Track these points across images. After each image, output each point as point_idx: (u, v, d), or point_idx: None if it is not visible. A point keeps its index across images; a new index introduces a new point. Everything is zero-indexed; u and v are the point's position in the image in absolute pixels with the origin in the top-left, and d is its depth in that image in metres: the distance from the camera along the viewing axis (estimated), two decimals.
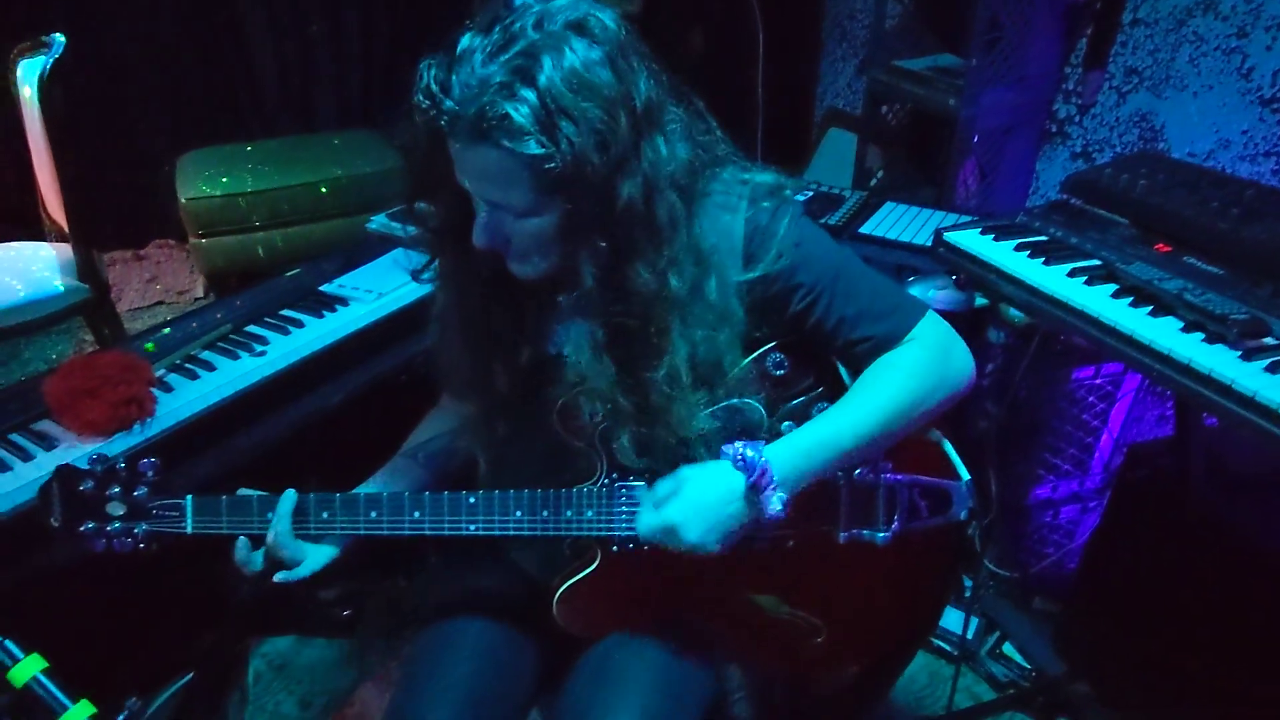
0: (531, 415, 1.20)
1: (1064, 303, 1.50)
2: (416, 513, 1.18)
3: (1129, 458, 1.97)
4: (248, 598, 1.83)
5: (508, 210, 1.03)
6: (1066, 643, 2.02)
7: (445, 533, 1.18)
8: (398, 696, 1.26)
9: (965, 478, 1.25)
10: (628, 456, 1.14)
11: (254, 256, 3.23)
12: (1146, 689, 1.86)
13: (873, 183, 2.87)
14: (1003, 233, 1.71)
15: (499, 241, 1.07)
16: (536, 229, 1.04)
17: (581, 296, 1.07)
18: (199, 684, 1.82)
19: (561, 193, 1.00)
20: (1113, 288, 1.49)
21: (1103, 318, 1.43)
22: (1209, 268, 1.49)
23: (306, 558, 1.22)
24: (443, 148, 1.02)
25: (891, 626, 1.37)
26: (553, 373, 1.17)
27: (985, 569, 2.18)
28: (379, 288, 1.89)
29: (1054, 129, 2.89)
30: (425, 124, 0.99)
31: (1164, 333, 1.36)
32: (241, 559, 1.20)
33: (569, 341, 1.19)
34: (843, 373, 1.23)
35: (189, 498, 1.19)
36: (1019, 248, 1.65)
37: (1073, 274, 1.54)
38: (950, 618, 2.01)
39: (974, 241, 1.70)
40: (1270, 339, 1.30)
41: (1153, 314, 1.41)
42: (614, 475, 1.17)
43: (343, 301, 1.86)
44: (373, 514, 1.19)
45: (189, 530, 1.19)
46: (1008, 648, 2.08)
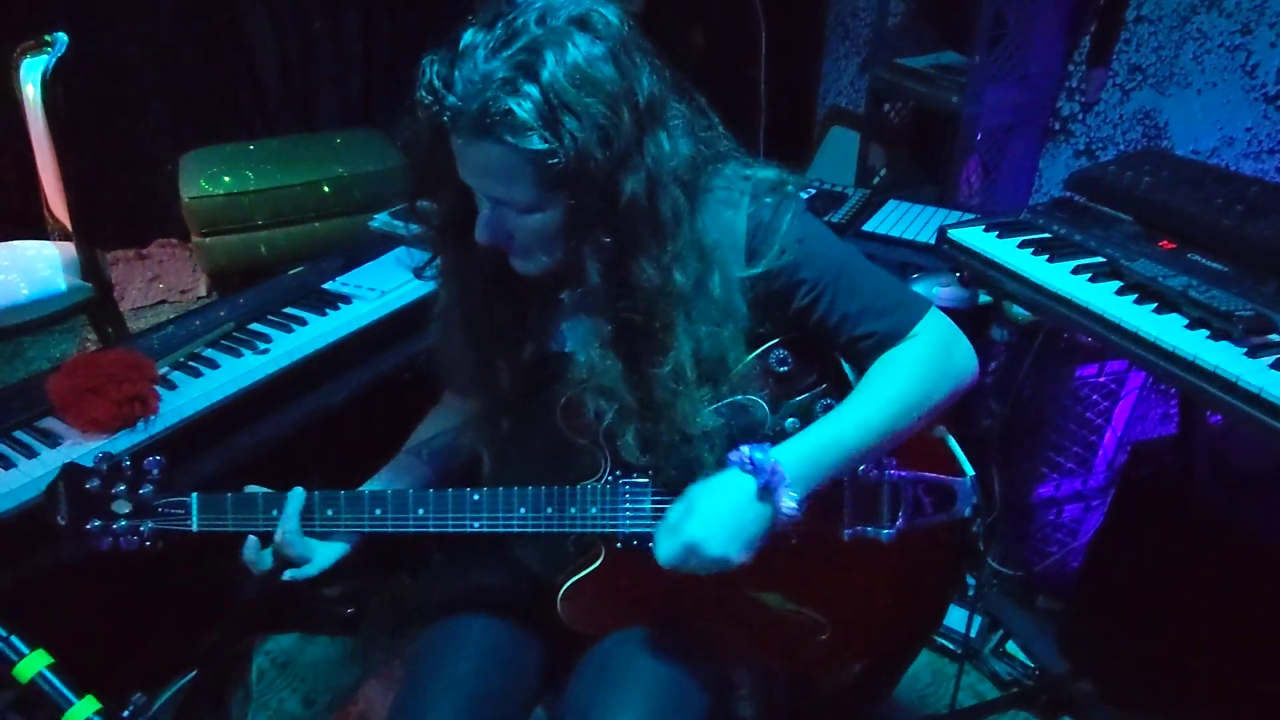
0: (534, 413, 1.20)
1: (1068, 300, 1.50)
2: (421, 510, 1.18)
3: (1133, 456, 1.97)
4: (251, 595, 1.83)
5: (510, 206, 1.03)
6: (1070, 641, 2.02)
7: (449, 530, 1.18)
8: (401, 693, 1.25)
9: (970, 473, 1.24)
10: (631, 454, 1.13)
11: (256, 255, 3.24)
12: (1150, 687, 1.86)
13: (875, 181, 2.87)
14: (1007, 230, 1.71)
15: (501, 238, 1.07)
16: (539, 225, 1.04)
17: (586, 293, 1.07)
18: (202, 681, 1.83)
19: (564, 188, 1.00)
20: (1117, 285, 1.49)
21: (1107, 315, 1.43)
22: (1214, 265, 1.49)
23: (315, 555, 1.22)
24: (445, 144, 1.01)
25: (895, 624, 1.37)
26: (555, 370, 1.17)
27: (989, 567, 2.17)
28: (381, 286, 1.89)
29: (1057, 127, 2.88)
30: (428, 120, 0.99)
31: (1169, 330, 1.36)
32: (250, 558, 1.19)
33: (574, 338, 1.19)
34: (846, 369, 1.23)
35: (194, 495, 1.19)
36: (1023, 245, 1.65)
37: (1077, 271, 1.54)
38: (954, 616, 2.00)
39: (978, 239, 1.70)
40: (1275, 335, 1.30)
41: (1157, 311, 1.41)
42: (618, 472, 1.17)
43: (345, 299, 1.86)
44: (377, 511, 1.19)
45: (194, 528, 1.19)
46: (1011, 646, 2.08)
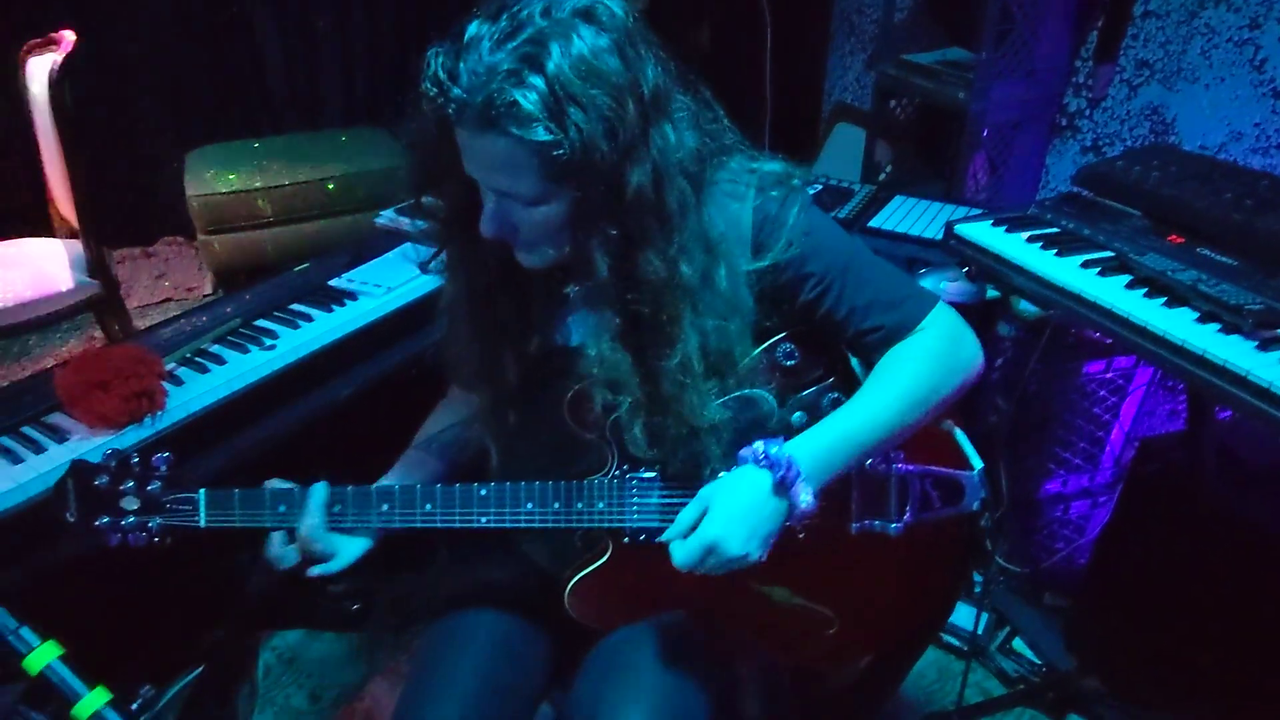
0: (541, 407, 1.20)
1: (1077, 294, 1.49)
2: (428, 505, 1.18)
3: (1140, 452, 1.96)
4: (257, 591, 1.84)
5: (516, 199, 1.03)
6: (1077, 638, 2.01)
7: (457, 525, 1.18)
8: (408, 688, 1.25)
9: (978, 467, 1.24)
10: (639, 448, 1.13)
11: (262, 252, 3.24)
12: (1158, 684, 1.85)
13: (881, 177, 2.87)
14: (1015, 224, 1.70)
15: (507, 231, 1.07)
16: (545, 217, 1.04)
17: (592, 286, 1.07)
18: (209, 677, 1.83)
19: (570, 180, 0.99)
20: (1126, 279, 1.48)
21: (1117, 309, 1.43)
22: (1223, 259, 1.48)
23: (340, 551, 1.22)
24: (450, 137, 1.01)
25: (903, 619, 1.37)
26: (562, 364, 1.17)
27: (995, 564, 2.17)
28: (387, 282, 1.89)
29: (1064, 123, 2.87)
30: (433, 112, 0.98)
31: (1179, 324, 1.35)
32: (275, 554, 1.19)
33: (581, 332, 1.19)
34: (853, 363, 1.22)
35: (202, 492, 1.19)
36: (1031, 239, 1.64)
37: (1086, 265, 1.53)
38: (960, 613, 2.00)
39: (986, 233, 1.70)
40: None
41: (1167, 305, 1.40)
42: (625, 467, 1.17)
43: (351, 296, 1.86)
44: (384, 507, 1.19)
45: (202, 524, 1.19)
46: (1018, 643, 2.08)
